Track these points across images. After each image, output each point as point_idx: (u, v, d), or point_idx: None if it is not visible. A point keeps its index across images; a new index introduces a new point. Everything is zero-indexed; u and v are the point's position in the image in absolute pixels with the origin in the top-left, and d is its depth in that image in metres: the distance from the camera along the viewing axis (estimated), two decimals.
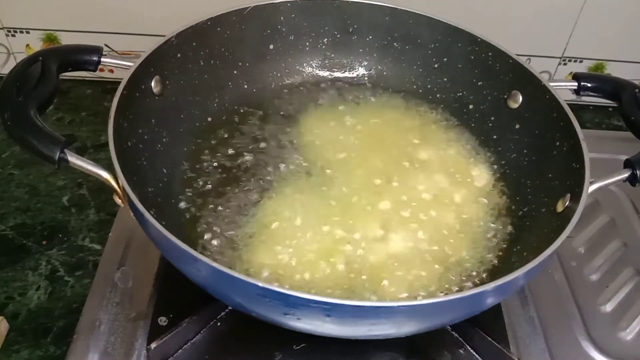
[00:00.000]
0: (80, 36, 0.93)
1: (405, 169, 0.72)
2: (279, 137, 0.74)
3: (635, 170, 0.61)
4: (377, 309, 0.48)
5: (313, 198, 0.67)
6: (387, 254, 0.62)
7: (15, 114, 0.55)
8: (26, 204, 0.79)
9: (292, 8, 0.78)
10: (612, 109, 1.06)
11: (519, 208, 0.69)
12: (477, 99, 0.78)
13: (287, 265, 0.60)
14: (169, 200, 0.65)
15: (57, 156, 0.53)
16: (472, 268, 0.63)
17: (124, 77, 0.62)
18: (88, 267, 0.72)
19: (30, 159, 0.82)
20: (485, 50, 0.75)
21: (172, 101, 0.70)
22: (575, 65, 1.00)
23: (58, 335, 0.66)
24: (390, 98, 0.82)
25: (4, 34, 0.94)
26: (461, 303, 0.50)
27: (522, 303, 0.72)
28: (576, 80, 0.71)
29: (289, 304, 0.48)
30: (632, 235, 0.82)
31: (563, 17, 0.94)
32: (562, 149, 0.66)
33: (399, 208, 0.67)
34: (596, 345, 0.69)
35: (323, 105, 0.80)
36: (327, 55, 0.83)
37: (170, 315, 0.62)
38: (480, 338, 0.64)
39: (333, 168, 0.70)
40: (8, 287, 0.70)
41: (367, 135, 0.75)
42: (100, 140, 0.90)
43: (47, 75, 0.59)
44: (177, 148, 0.70)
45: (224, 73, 0.77)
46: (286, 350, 0.63)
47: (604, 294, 0.75)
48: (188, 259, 0.50)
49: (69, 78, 0.98)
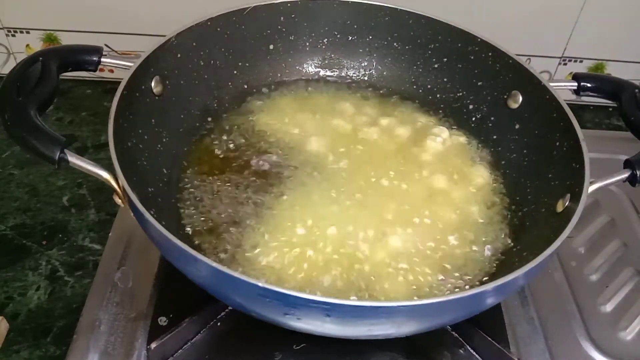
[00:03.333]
0: (80, 36, 0.93)
1: (405, 169, 0.71)
2: (279, 137, 0.74)
3: (635, 170, 0.61)
4: (377, 309, 0.48)
5: (315, 198, 0.67)
6: (387, 254, 0.62)
7: (15, 114, 0.55)
8: (26, 204, 0.79)
9: (292, 8, 0.78)
10: (612, 109, 1.06)
11: (519, 208, 0.69)
12: (477, 99, 0.78)
13: (288, 265, 0.60)
14: (169, 200, 0.65)
15: (57, 156, 0.53)
16: (472, 268, 0.63)
17: (124, 77, 0.62)
18: (88, 267, 0.72)
19: (30, 159, 0.83)
20: (485, 50, 0.75)
21: (172, 101, 0.70)
22: (575, 65, 1.00)
23: (58, 335, 0.66)
24: (390, 98, 0.82)
25: (4, 34, 0.94)
26: (461, 303, 0.50)
27: (522, 303, 0.72)
28: (576, 80, 0.71)
29: (289, 304, 0.48)
30: (632, 235, 0.82)
31: (563, 17, 0.94)
32: (562, 149, 0.66)
33: (399, 208, 0.67)
34: (596, 345, 0.69)
35: (323, 105, 0.80)
36: (327, 56, 0.83)
37: (170, 315, 0.62)
38: (480, 338, 0.64)
39: (333, 168, 0.70)
40: (8, 287, 0.70)
41: (367, 135, 0.75)
42: (100, 140, 0.90)
43: (47, 75, 0.59)
44: (177, 148, 0.70)
45: (224, 73, 0.77)
46: (286, 350, 0.63)
47: (604, 294, 0.75)
48: (188, 259, 0.50)
49: (69, 78, 0.98)
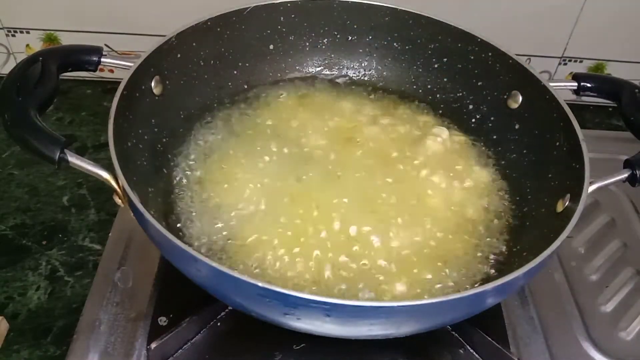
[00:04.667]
0: (80, 36, 0.93)
1: (405, 169, 0.71)
2: (279, 137, 0.74)
3: (634, 170, 0.61)
4: (377, 309, 0.48)
5: (316, 198, 0.67)
6: (387, 254, 0.62)
7: (15, 114, 0.55)
8: (26, 204, 0.79)
9: (292, 8, 0.78)
10: (612, 109, 1.06)
11: (519, 208, 0.69)
12: (477, 99, 0.78)
13: (289, 265, 0.60)
14: (169, 200, 0.65)
15: (57, 156, 0.53)
16: (472, 268, 0.63)
17: (124, 77, 0.62)
18: (88, 267, 0.72)
19: (30, 159, 0.83)
20: (485, 50, 0.75)
21: (173, 101, 0.70)
22: (575, 65, 1.00)
23: (58, 335, 0.66)
24: (390, 98, 0.82)
25: (4, 34, 0.94)
26: (461, 303, 0.50)
27: (522, 303, 0.72)
28: (576, 81, 0.71)
29: (288, 304, 0.48)
30: (632, 235, 0.82)
31: (563, 17, 0.94)
32: (562, 149, 0.65)
33: (399, 208, 0.67)
34: (596, 345, 0.69)
35: (323, 105, 0.80)
36: (327, 56, 0.83)
37: (170, 315, 0.62)
38: (480, 338, 0.64)
39: (333, 168, 0.70)
40: (8, 287, 0.70)
41: (367, 135, 0.75)
42: (100, 140, 0.90)
43: (47, 76, 0.59)
44: (177, 148, 0.70)
45: (224, 73, 0.77)
46: (286, 350, 0.63)
47: (604, 294, 0.75)
48: (188, 259, 0.50)
49: (69, 78, 0.98)
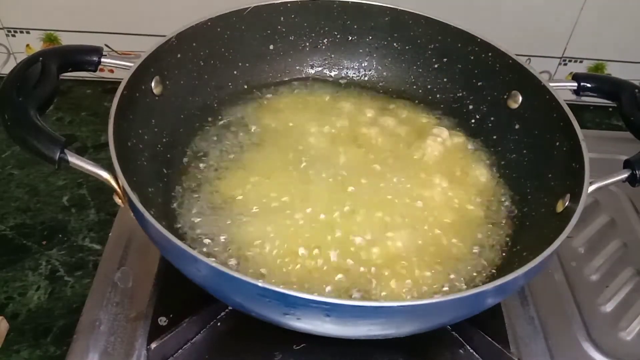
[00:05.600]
0: (80, 36, 0.93)
1: (405, 169, 0.71)
2: (279, 137, 0.74)
3: (634, 170, 0.61)
4: (377, 309, 0.48)
5: (314, 198, 0.67)
6: (387, 254, 0.62)
7: (15, 114, 0.55)
8: (26, 204, 0.79)
9: (292, 8, 0.78)
10: (612, 109, 1.06)
11: (519, 208, 0.69)
12: (477, 99, 0.78)
13: (289, 264, 0.60)
14: (169, 200, 0.65)
15: (57, 156, 0.53)
16: (471, 268, 0.63)
17: (124, 77, 0.62)
18: (88, 267, 0.72)
19: (30, 159, 0.83)
20: (485, 50, 0.75)
21: (172, 101, 0.70)
22: (575, 65, 1.00)
23: (58, 335, 0.66)
24: (390, 98, 0.82)
25: (4, 34, 0.94)
26: (461, 303, 0.50)
27: (522, 303, 0.72)
28: (576, 81, 0.71)
29: (288, 304, 0.48)
30: (632, 235, 0.82)
31: (563, 17, 0.94)
32: (562, 149, 0.65)
33: (399, 208, 0.67)
34: (596, 345, 0.69)
35: (323, 105, 0.80)
36: (327, 56, 0.83)
37: (170, 315, 0.61)
38: (480, 338, 0.64)
39: (333, 167, 0.70)
40: (8, 287, 0.70)
41: (367, 135, 0.75)
42: (100, 140, 0.90)
43: (47, 76, 0.59)
44: (177, 148, 0.70)
45: (224, 73, 0.77)
46: (286, 350, 0.63)
47: (604, 294, 0.75)
48: (188, 259, 0.50)
49: (69, 78, 0.98)
